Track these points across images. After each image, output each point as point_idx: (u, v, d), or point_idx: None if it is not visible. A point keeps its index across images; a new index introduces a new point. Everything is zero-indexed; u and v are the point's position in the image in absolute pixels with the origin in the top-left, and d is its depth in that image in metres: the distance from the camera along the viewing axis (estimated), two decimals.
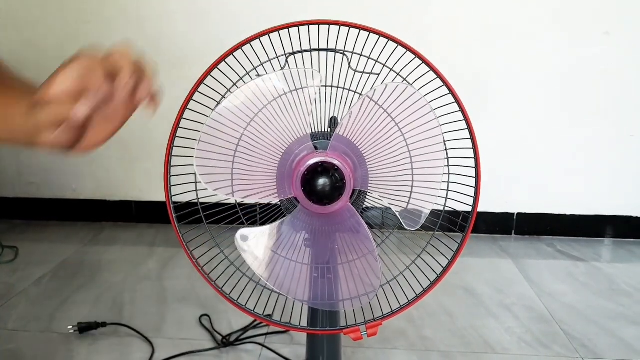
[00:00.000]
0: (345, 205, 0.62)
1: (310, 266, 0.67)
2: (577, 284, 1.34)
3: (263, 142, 0.61)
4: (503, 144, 1.58)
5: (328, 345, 0.74)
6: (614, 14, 1.48)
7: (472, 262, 1.46)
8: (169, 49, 1.57)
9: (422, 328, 1.10)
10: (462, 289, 1.28)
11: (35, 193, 1.74)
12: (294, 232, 0.66)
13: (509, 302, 1.22)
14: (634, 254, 1.54)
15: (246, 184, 0.62)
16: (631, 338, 1.08)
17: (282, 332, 1.07)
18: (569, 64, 1.52)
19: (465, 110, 0.60)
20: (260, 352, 1.01)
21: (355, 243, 0.64)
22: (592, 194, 1.62)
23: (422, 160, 0.62)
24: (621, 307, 1.21)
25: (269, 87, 0.59)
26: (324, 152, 0.62)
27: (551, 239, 1.64)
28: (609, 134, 1.57)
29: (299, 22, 0.60)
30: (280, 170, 0.63)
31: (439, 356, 1.01)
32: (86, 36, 1.58)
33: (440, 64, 0.60)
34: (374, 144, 0.62)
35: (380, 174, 0.63)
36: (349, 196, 0.61)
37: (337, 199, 0.61)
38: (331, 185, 0.60)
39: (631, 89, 1.53)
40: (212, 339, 1.05)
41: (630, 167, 1.60)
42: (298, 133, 0.62)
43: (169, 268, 1.39)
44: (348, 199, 0.62)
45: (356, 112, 0.60)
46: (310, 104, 0.61)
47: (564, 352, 1.03)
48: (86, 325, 1.06)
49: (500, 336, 1.08)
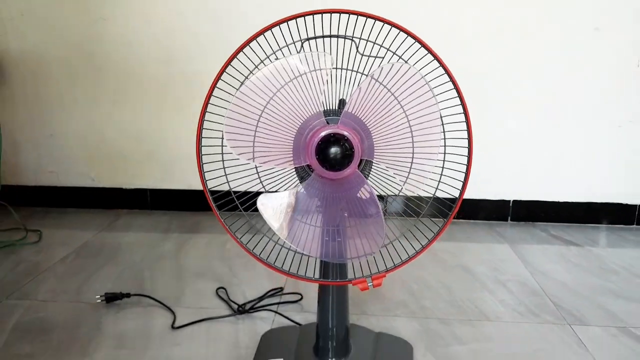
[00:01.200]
0: (354, 172, 0.71)
1: (322, 228, 0.75)
2: (568, 264, 1.42)
3: (282, 115, 0.70)
4: (500, 136, 1.67)
5: (337, 295, 0.83)
6: (604, 11, 1.57)
7: (470, 246, 1.55)
8: (183, 45, 1.66)
9: (422, 299, 1.19)
10: (460, 268, 1.37)
11: (55, 181, 1.83)
12: (307, 198, 0.75)
13: (504, 279, 1.31)
14: (624, 239, 1.63)
15: (266, 151, 0.71)
16: (617, 309, 1.16)
17: (294, 301, 1.15)
18: (561, 60, 1.60)
19: (459, 87, 0.68)
20: (274, 318, 1.09)
21: (363, 205, 0.73)
22: (584, 182, 1.71)
23: (421, 132, 0.71)
24: (609, 284, 1.29)
25: (291, 65, 0.67)
26: (335, 125, 0.70)
27: (545, 224, 1.73)
28: (601, 126, 1.66)
29: (315, 10, 0.69)
30: (296, 141, 0.72)
31: (437, 322, 1.09)
32: (104, 34, 1.68)
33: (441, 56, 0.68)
34: (378, 118, 0.71)
35: (385, 146, 0.71)
36: (357, 163, 0.70)
37: (347, 165, 0.70)
38: (342, 153, 0.69)
39: (620, 83, 1.62)
40: (229, 307, 1.14)
41: (620, 157, 1.68)
42: (312, 110, 0.71)
43: (184, 250, 1.48)
44: (356, 166, 0.71)
45: (364, 88, 0.69)
46: (323, 84, 0.70)
47: (552, 319, 1.11)
48: (112, 296, 1.15)
49: (495, 307, 1.16)
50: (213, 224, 1.66)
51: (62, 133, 1.79)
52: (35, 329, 1.05)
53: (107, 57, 1.70)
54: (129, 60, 1.70)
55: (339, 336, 0.86)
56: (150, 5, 1.65)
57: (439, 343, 1.02)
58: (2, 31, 1.70)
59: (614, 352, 1.00)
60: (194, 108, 1.48)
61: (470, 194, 1.72)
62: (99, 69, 1.72)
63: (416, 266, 1.34)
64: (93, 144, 1.79)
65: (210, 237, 1.57)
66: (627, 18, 1.57)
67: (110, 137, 1.78)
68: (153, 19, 1.66)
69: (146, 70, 1.70)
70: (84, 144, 1.79)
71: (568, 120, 1.66)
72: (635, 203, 1.71)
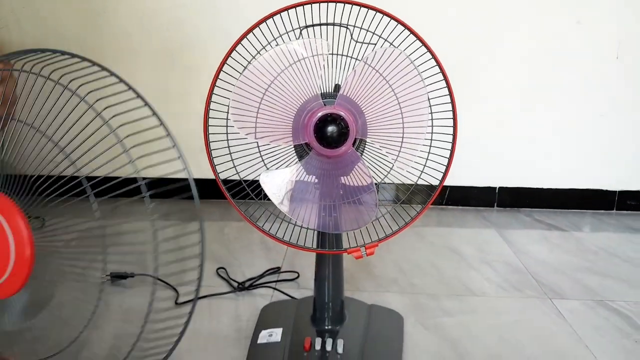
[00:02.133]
0: (350, 149, 0.77)
1: (320, 203, 0.82)
2: (550, 245, 1.50)
3: (283, 97, 0.76)
4: (487, 125, 1.74)
5: (333, 267, 0.89)
6: (586, 5, 1.64)
7: (458, 230, 1.62)
8: (182, 37, 1.71)
9: (412, 277, 1.26)
10: (448, 249, 1.44)
11: (53, 172, 1.87)
12: (306, 175, 0.81)
13: (490, 259, 1.38)
14: (603, 222, 1.71)
15: (268, 130, 0.77)
16: (594, 285, 1.24)
17: (291, 279, 1.22)
18: (546, 51, 1.68)
19: (443, 68, 0.75)
20: (272, 294, 1.16)
21: (358, 181, 0.79)
22: (567, 169, 1.79)
23: (410, 113, 0.77)
24: (587, 262, 1.37)
25: (290, 50, 0.74)
26: (332, 106, 0.77)
27: (530, 210, 1.80)
28: (583, 115, 1.73)
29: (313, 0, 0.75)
30: (295, 122, 0.78)
31: (426, 298, 1.16)
32: (103, 26, 1.72)
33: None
34: (371, 100, 0.77)
35: (377, 125, 0.78)
36: (352, 141, 0.76)
37: (343, 143, 0.76)
38: (338, 132, 0.75)
39: (602, 74, 1.69)
40: (229, 285, 1.20)
41: (601, 144, 1.76)
42: (311, 92, 0.77)
43: (184, 236, 1.53)
44: (352, 144, 0.77)
45: (358, 72, 0.75)
46: (320, 68, 0.76)
47: (535, 294, 1.19)
48: (117, 275, 1.20)
49: (480, 284, 1.24)
50: (212, 210, 1.72)
51: None
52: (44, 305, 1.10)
53: (105, 50, 1.75)
54: (128, 52, 1.74)
55: (334, 306, 0.93)
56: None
57: (427, 315, 1.09)
58: (3, 23, 1.74)
59: (590, 321, 1.08)
60: (195, 100, 1.54)
61: (460, 182, 1.79)
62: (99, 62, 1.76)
63: (407, 248, 1.41)
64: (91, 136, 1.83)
65: (209, 224, 1.63)
66: (607, 11, 1.64)
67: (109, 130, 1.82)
68: (151, 11, 1.71)
69: (145, 62, 1.75)
70: None
71: (552, 111, 1.73)
72: (615, 189, 1.79)
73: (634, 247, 1.48)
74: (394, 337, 0.98)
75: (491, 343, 1.00)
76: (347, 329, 0.93)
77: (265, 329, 0.96)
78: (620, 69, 1.68)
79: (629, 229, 1.64)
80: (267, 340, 0.93)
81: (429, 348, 0.98)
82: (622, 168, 1.77)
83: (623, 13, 1.64)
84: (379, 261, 1.30)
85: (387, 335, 0.98)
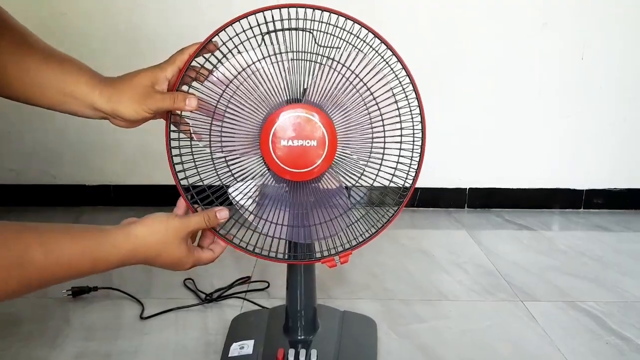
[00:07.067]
0: None
1: (291, 212, 0.79)
2: (521, 245, 1.51)
3: (246, 108, 0.73)
4: (456, 127, 1.74)
5: (305, 275, 0.87)
6: (553, 7, 1.66)
7: (429, 232, 1.62)
8: (145, 40, 1.67)
9: (384, 282, 1.24)
10: (419, 252, 1.43)
11: (14, 180, 1.80)
12: (275, 185, 0.79)
13: (461, 261, 1.38)
14: (572, 222, 1.73)
15: (233, 143, 0.74)
16: (564, 285, 1.24)
17: (261, 289, 1.19)
18: (513, 52, 1.69)
19: (408, 68, 0.74)
20: (242, 305, 1.13)
21: (329, 190, 0.77)
22: (536, 170, 1.80)
23: (377, 116, 0.75)
24: (557, 262, 1.38)
25: (252, 58, 0.71)
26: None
27: (500, 210, 1.81)
28: (551, 116, 1.75)
29: (274, 5, 0.72)
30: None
31: (399, 303, 1.15)
32: (64, 28, 1.66)
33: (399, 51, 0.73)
34: (337, 105, 0.75)
35: (345, 130, 0.76)
36: None
37: None
38: None
39: (568, 75, 1.71)
40: (197, 297, 1.16)
41: (569, 145, 1.78)
42: (276, 100, 0.75)
43: None
44: None
45: (323, 76, 0.73)
46: (283, 73, 0.74)
47: (506, 297, 1.19)
48: (79, 290, 1.15)
49: (452, 287, 1.23)
50: None
51: (21, 130, 1.76)
52: (4, 323, 1.05)
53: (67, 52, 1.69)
54: (90, 54, 1.69)
55: (307, 315, 0.90)
56: None
57: (400, 322, 1.07)
58: None
59: (561, 324, 1.08)
60: None
61: (430, 183, 1.79)
62: None
63: (379, 251, 1.40)
64: (54, 140, 1.77)
65: None
66: (572, 14, 1.66)
67: (71, 134, 1.76)
68: (114, 13, 1.66)
69: (107, 65, 1.69)
70: (44, 141, 1.77)
71: (520, 111, 1.74)
72: (582, 188, 1.82)
73: (601, 246, 1.50)
74: (368, 344, 0.97)
75: (464, 349, 0.99)
76: (320, 338, 0.91)
77: (236, 341, 0.93)
78: (585, 70, 1.71)
79: (595, 227, 1.67)
80: (238, 353, 0.90)
81: (402, 355, 0.97)
82: (588, 167, 1.80)
83: (588, 16, 1.66)
84: (351, 266, 1.28)
85: (361, 343, 0.96)
